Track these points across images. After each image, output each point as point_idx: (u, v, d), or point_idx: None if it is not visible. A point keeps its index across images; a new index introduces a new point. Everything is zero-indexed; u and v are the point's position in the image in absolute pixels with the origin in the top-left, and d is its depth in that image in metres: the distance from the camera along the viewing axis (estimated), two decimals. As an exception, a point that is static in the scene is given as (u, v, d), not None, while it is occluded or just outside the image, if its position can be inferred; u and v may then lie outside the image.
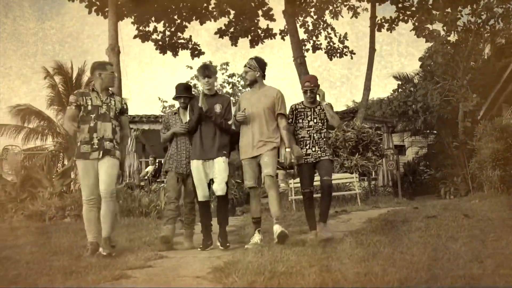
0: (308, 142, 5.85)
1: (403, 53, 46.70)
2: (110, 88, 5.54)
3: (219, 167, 5.64)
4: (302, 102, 6.00)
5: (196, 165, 5.73)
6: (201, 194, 5.74)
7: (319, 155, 5.80)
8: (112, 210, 5.27)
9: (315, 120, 5.89)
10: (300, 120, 5.91)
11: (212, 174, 5.70)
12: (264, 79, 5.95)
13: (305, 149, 5.82)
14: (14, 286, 3.76)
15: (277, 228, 5.47)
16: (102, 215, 5.21)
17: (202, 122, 5.76)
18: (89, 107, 5.31)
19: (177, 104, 6.25)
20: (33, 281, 3.83)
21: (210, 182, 5.77)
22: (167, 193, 6.16)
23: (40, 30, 38.36)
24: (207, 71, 5.82)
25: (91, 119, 5.28)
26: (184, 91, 6.11)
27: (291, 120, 5.89)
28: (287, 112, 5.90)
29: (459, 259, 3.95)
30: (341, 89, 45.53)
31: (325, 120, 5.91)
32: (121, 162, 5.50)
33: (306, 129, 5.88)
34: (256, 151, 5.68)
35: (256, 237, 5.57)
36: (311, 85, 5.85)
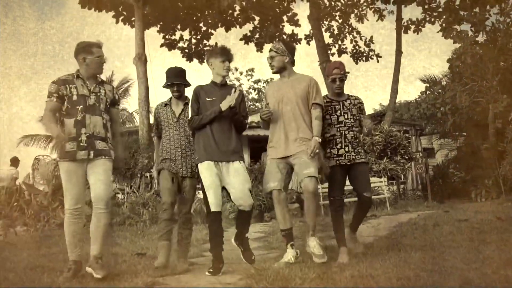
0: (339, 140, 4.88)
1: (403, 53, 46.23)
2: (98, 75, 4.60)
3: (240, 178, 4.66)
4: (326, 95, 5.12)
5: (207, 166, 4.64)
6: (215, 202, 4.54)
7: (353, 157, 4.86)
8: (105, 223, 4.34)
9: (345, 116, 4.95)
10: (328, 116, 4.94)
11: (226, 182, 4.68)
12: (294, 65, 5.00)
13: (335, 149, 4.88)
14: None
15: (314, 245, 4.54)
16: (93, 230, 4.32)
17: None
18: (74, 97, 4.36)
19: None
20: (67, 288, 3.90)
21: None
22: (162, 199, 4.96)
23: (40, 30, 38.78)
24: (230, 54, 4.88)
25: (78, 112, 4.32)
26: (177, 77, 5.07)
27: None
28: None
29: (492, 263, 3.89)
30: (342, 89, 45.44)
31: (357, 117, 5.01)
32: (118, 162, 4.60)
33: (336, 126, 4.92)
34: (291, 149, 4.71)
35: (290, 254, 4.57)
36: (340, 72, 4.99)
